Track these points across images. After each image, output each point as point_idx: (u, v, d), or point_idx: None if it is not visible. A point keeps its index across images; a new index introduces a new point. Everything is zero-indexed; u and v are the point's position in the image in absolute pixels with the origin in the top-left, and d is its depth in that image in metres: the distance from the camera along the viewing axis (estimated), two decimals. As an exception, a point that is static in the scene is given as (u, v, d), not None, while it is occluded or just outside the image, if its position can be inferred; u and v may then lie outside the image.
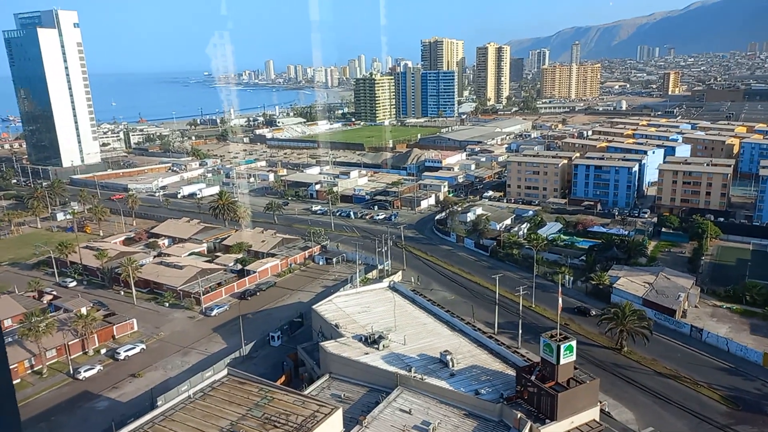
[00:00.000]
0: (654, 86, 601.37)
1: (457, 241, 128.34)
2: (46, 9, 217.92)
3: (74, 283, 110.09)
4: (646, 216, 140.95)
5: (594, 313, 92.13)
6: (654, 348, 77.79)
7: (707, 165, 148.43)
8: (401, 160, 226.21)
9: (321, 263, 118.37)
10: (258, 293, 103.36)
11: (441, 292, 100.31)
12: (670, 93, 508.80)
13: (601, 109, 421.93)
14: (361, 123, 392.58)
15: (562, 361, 54.89)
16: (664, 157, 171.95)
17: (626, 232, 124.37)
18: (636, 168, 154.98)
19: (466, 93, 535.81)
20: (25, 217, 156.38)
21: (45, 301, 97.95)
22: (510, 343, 77.73)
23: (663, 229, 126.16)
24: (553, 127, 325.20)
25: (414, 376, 60.42)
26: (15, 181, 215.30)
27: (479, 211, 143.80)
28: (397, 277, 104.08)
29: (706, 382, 70.46)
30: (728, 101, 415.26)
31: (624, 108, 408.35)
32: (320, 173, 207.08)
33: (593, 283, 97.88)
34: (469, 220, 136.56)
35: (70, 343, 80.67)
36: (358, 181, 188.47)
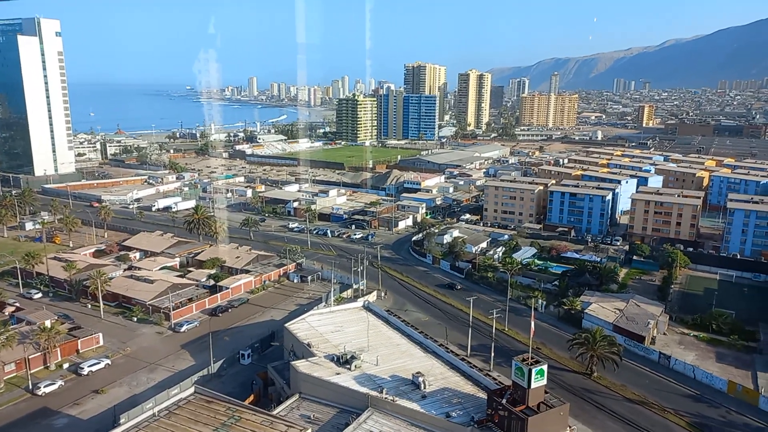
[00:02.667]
0: (629, 118, 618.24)
1: (433, 263, 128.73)
2: (27, 17, 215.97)
3: (39, 295, 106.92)
4: (618, 244, 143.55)
5: (459, 287, 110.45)
6: (623, 374, 78.66)
7: (678, 196, 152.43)
8: (381, 181, 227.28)
9: (296, 281, 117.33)
10: (230, 310, 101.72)
11: (415, 313, 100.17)
12: (644, 125, 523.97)
13: (577, 138, 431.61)
14: (342, 143, 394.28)
15: (533, 385, 55.02)
16: (637, 187, 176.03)
17: (599, 259, 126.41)
18: (609, 197, 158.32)
19: (446, 117, 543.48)
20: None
21: (7, 313, 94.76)
22: (482, 365, 77.65)
23: (634, 257, 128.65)
24: (530, 154, 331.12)
25: (385, 398, 59.87)
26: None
27: (456, 233, 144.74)
28: (372, 297, 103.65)
29: (673, 408, 71.36)
30: (699, 135, 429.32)
31: (599, 138, 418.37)
32: (299, 191, 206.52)
33: (565, 308, 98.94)
34: (445, 242, 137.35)
35: (31, 356, 77.97)
36: (337, 200, 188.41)
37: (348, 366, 66.49)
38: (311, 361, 68.21)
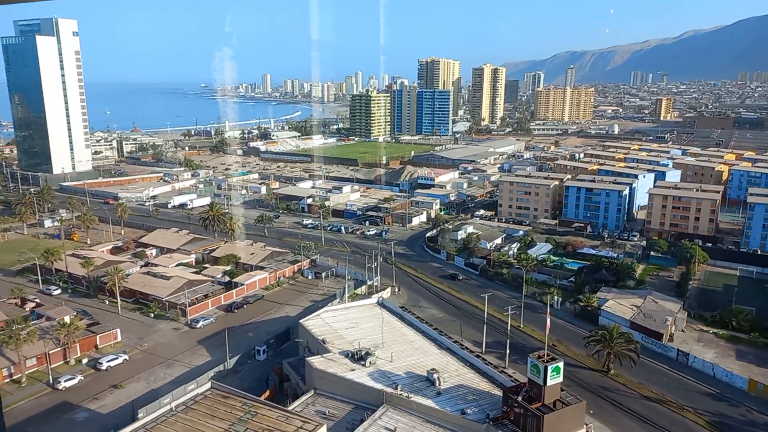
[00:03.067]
0: (646, 111, 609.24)
1: (448, 259, 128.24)
2: (46, 17, 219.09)
3: (58, 291, 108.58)
4: (636, 239, 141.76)
5: (462, 278, 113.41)
6: (641, 371, 77.70)
7: (696, 191, 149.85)
8: (394, 177, 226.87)
9: (310, 277, 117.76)
10: (245, 306, 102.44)
11: (430, 309, 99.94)
12: (661, 119, 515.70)
13: (593, 132, 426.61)
14: (356, 139, 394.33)
15: (549, 383, 54.60)
16: (655, 182, 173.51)
17: (615, 255, 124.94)
18: (626, 191, 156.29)
19: (460, 112, 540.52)
20: (12, 223, 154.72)
21: (27, 309, 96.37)
22: (497, 362, 77.37)
23: (652, 253, 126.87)
24: (545, 148, 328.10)
25: (400, 394, 59.87)
26: (4, 185, 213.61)
27: (470, 229, 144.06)
28: (386, 294, 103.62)
29: (691, 407, 70.36)
30: (718, 128, 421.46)
31: (616, 132, 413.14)
32: (313, 187, 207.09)
33: (581, 304, 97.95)
34: (459, 238, 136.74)
35: (51, 352, 79.25)
36: (351, 197, 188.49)
37: (363, 362, 66.57)
38: (326, 357, 68.44)
